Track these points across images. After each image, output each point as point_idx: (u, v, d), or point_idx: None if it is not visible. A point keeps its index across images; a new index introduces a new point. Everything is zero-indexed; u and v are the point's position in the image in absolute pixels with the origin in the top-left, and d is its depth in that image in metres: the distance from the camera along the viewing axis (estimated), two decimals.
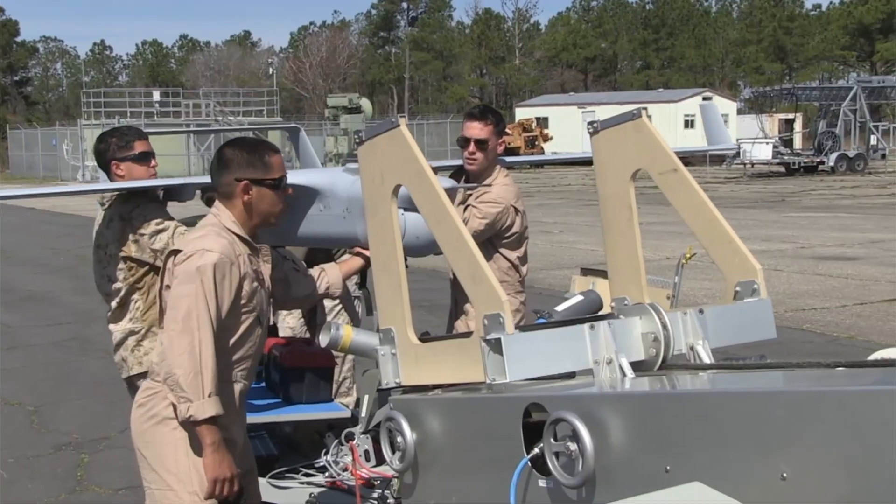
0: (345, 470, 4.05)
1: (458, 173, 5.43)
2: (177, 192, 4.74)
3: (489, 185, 5.17)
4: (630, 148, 3.54)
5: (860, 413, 1.90)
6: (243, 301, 3.64)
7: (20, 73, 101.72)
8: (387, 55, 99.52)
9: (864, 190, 33.66)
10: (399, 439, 3.11)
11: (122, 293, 4.73)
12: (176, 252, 3.58)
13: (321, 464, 4.52)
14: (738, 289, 3.27)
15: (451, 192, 3.84)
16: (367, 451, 3.80)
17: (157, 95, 59.20)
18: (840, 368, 2.45)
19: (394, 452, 3.15)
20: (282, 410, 4.68)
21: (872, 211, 25.57)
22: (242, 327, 3.67)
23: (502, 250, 5.28)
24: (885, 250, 17.19)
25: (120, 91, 69.03)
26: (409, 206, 3.44)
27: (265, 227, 3.77)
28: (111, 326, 4.80)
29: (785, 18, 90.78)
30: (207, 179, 3.95)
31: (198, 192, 4.77)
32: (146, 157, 4.78)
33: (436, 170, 5.33)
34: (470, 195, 5.22)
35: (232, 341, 3.66)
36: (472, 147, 5.20)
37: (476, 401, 2.85)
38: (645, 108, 3.61)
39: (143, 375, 4.49)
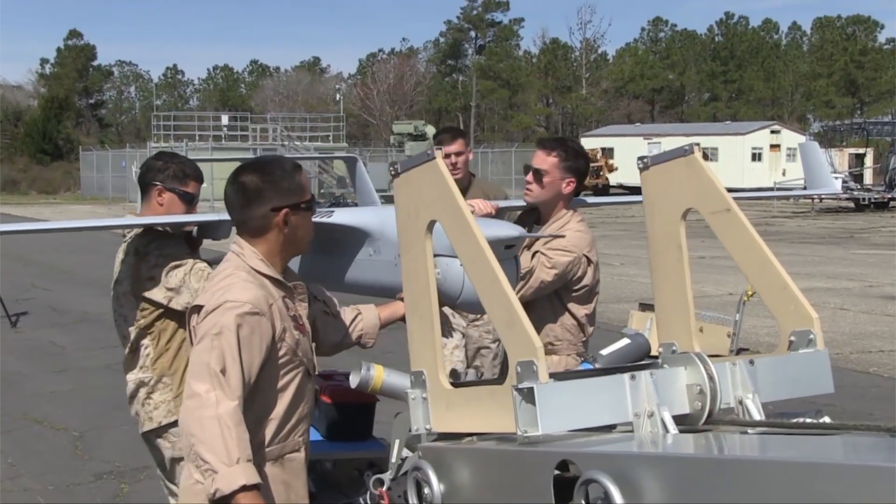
0: None
1: (527, 215, 5.05)
2: (212, 229, 4.31)
3: (561, 235, 4.69)
4: (681, 185, 3.36)
5: None
6: (286, 357, 3.20)
7: (95, 97, 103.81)
8: (454, 83, 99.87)
9: None
10: (426, 490, 2.95)
11: (132, 338, 4.36)
12: (199, 308, 3.13)
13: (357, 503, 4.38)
14: (792, 338, 3.07)
15: (521, 241, 3.58)
16: (405, 493, 3.65)
17: (225, 119, 59.90)
18: None
19: (420, 502, 2.99)
20: (321, 447, 4.54)
21: None
22: (293, 387, 3.25)
23: (570, 305, 4.79)
24: None
25: (189, 114, 70.01)
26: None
27: (295, 256, 3.40)
28: (127, 375, 4.44)
29: (857, 52, 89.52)
30: None
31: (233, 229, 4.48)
32: (191, 200, 4.44)
33: (509, 209, 5.17)
34: (536, 241, 4.76)
35: (285, 406, 3.23)
36: (529, 176, 4.86)
37: (505, 454, 2.68)
38: (698, 144, 3.43)
39: (157, 432, 4.37)
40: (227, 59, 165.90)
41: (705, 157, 3.59)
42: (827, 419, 2.94)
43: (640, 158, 3.61)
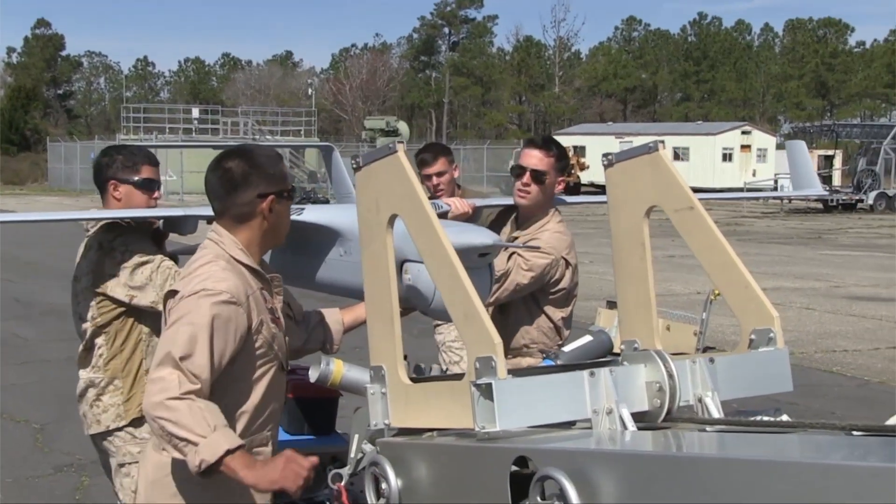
0: None
1: (505, 214, 4.89)
2: (179, 224, 4.18)
3: (535, 247, 4.51)
4: (645, 183, 3.35)
5: (867, 491, 1.70)
6: (262, 350, 3.14)
7: (63, 87, 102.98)
8: (427, 79, 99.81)
9: None
10: (384, 485, 2.92)
11: (87, 335, 4.16)
12: (174, 293, 3.05)
13: (320, 499, 4.36)
14: (752, 337, 3.06)
15: (495, 248, 3.45)
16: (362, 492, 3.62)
17: (196, 112, 59.60)
18: (856, 433, 2.23)
19: (378, 499, 2.96)
20: (283, 441, 4.51)
21: None
22: (266, 380, 3.18)
23: (547, 308, 4.66)
24: None
25: (160, 107, 69.57)
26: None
27: (272, 247, 3.32)
28: (79, 372, 4.27)
29: (828, 55, 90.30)
30: (209, 211, 3.35)
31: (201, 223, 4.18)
32: (150, 186, 4.21)
33: (487, 208, 4.98)
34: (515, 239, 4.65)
35: (257, 399, 3.17)
36: (526, 178, 4.60)
37: (462, 450, 2.66)
38: (662, 142, 3.42)
39: (103, 435, 4.21)
40: (198, 52, 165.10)
41: (676, 156, 3.59)
42: (785, 417, 2.94)
43: (605, 155, 3.60)
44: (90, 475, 6.72)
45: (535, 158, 4.64)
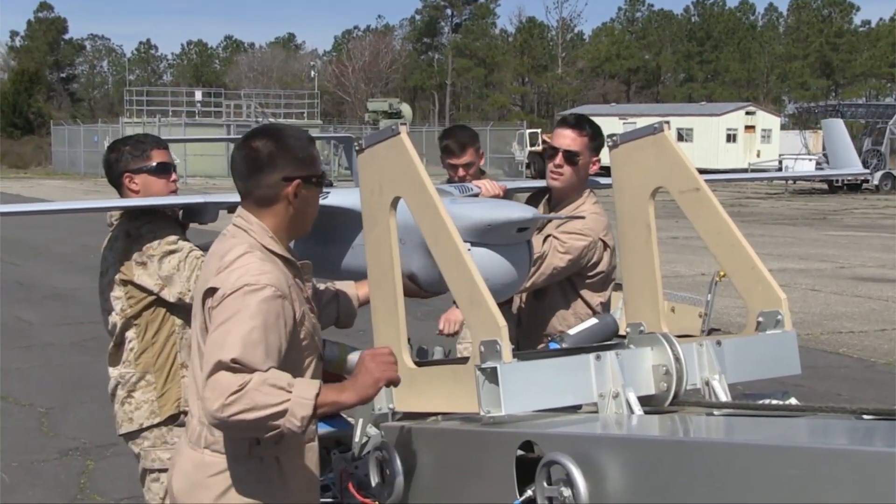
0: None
1: (536, 196, 4.61)
2: (199, 212, 3.93)
3: (580, 216, 4.26)
4: (650, 164, 3.33)
5: (877, 476, 1.67)
6: (306, 342, 2.95)
7: (66, 71, 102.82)
8: (429, 61, 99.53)
9: None
10: (388, 469, 2.91)
11: (117, 328, 3.94)
12: (213, 291, 2.78)
13: (325, 483, 4.34)
14: (760, 319, 3.04)
15: (534, 223, 3.22)
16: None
17: (199, 95, 59.43)
18: (866, 417, 2.21)
19: (383, 482, 2.95)
20: None
21: None
22: (310, 371, 2.97)
23: (584, 293, 4.41)
24: None
25: (163, 90, 69.42)
26: (478, 239, 2.99)
27: (298, 236, 3.07)
28: (109, 370, 4.03)
29: (832, 34, 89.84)
30: (235, 197, 3.14)
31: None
32: (165, 170, 4.02)
33: (518, 191, 4.73)
34: (548, 223, 4.37)
35: None
36: (559, 159, 4.34)
37: (467, 434, 2.64)
38: (667, 122, 3.39)
39: (134, 435, 3.97)
40: (201, 35, 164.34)
41: (680, 137, 3.55)
42: (793, 400, 2.92)
43: (610, 136, 3.57)
44: (95, 459, 6.71)
45: (567, 139, 4.39)
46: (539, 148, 52.24)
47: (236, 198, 3.14)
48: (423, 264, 3.14)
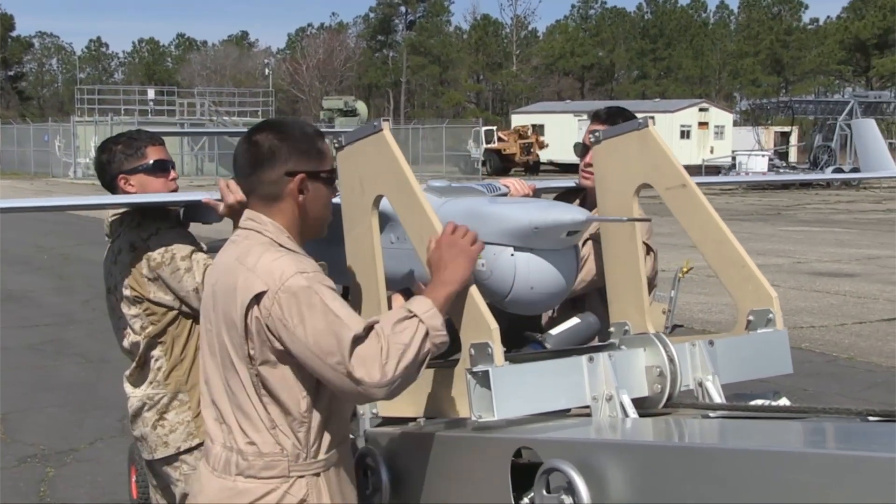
0: None
1: (566, 196, 4.15)
2: (201, 212, 3.62)
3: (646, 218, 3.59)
4: (634, 161, 3.26)
5: (880, 482, 1.62)
6: None
7: (14, 69, 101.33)
8: (384, 59, 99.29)
9: (860, 205, 33.43)
10: (374, 477, 2.82)
11: (140, 349, 3.66)
12: (260, 295, 2.53)
13: None
14: (750, 318, 2.98)
15: (586, 226, 2.89)
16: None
17: (151, 94, 58.88)
18: (872, 419, 2.15)
19: (370, 490, 2.86)
20: None
21: (868, 226, 25.32)
22: None
23: None
24: (883, 267, 16.93)
25: (114, 88, 68.63)
26: (522, 243, 2.75)
27: (312, 237, 2.81)
28: (126, 389, 3.77)
29: (782, 32, 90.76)
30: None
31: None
32: (163, 167, 3.72)
33: (547, 190, 4.27)
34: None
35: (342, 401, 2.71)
36: (590, 156, 3.75)
37: (459, 440, 2.56)
38: (652, 118, 3.33)
39: (172, 459, 3.68)
40: (152, 33, 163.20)
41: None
42: (785, 400, 2.87)
43: (592, 132, 3.50)
44: (55, 466, 6.54)
45: None
46: (495, 145, 52.37)
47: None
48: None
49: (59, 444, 6.86)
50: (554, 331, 3.46)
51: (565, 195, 4.21)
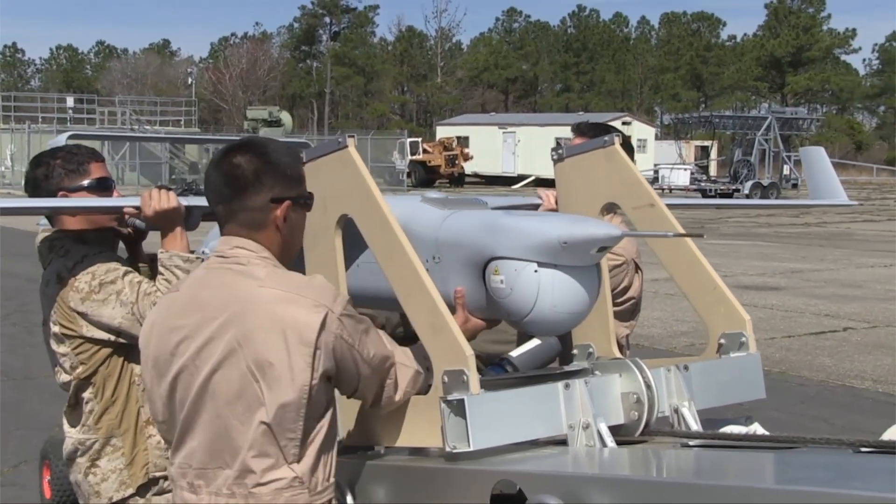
0: None
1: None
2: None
3: (699, 234, 3.43)
4: (600, 179, 3.19)
5: None
6: None
7: None
8: (308, 69, 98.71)
9: (779, 219, 34.04)
10: None
11: (71, 389, 3.38)
12: (325, 320, 2.41)
13: None
14: (722, 341, 2.93)
15: (618, 242, 2.67)
16: None
17: (70, 101, 57.71)
18: (865, 450, 2.09)
19: None
20: None
21: (789, 240, 25.81)
22: None
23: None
24: (806, 280, 17.21)
25: (32, 95, 67.19)
26: (548, 259, 2.57)
27: (286, 265, 2.61)
28: (64, 427, 3.48)
29: (702, 48, 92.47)
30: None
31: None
32: (106, 185, 3.46)
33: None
34: None
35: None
36: None
37: (434, 472, 2.45)
38: (618, 134, 3.27)
39: None
40: (70, 39, 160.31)
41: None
42: (757, 425, 2.82)
43: (555, 149, 3.42)
44: None
45: None
46: (420, 157, 52.34)
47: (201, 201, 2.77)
48: (467, 287, 2.72)
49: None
50: (514, 353, 3.36)
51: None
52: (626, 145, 3.88)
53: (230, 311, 2.42)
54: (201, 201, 3.04)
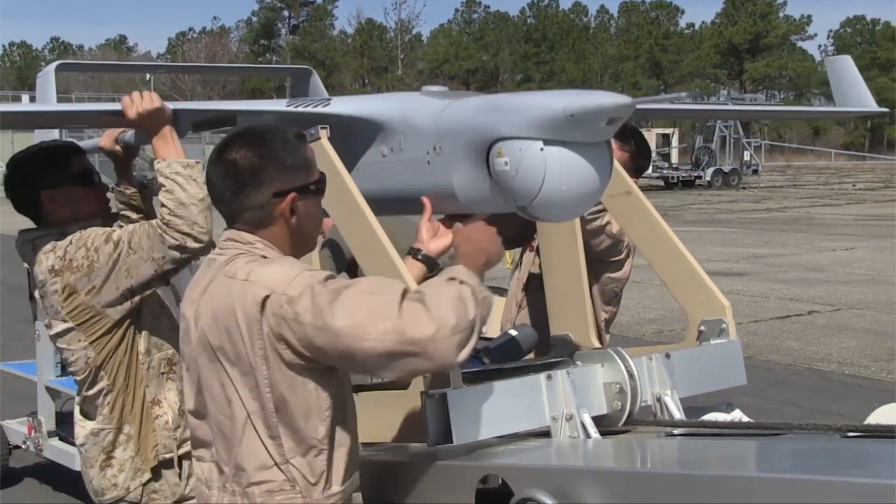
0: None
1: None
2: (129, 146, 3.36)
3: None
4: None
5: None
6: None
7: None
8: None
9: (741, 205, 34.30)
10: None
11: (86, 382, 3.29)
12: (266, 298, 2.29)
13: None
14: (702, 328, 2.91)
15: (629, 111, 2.52)
16: None
17: (26, 99, 56.81)
18: (851, 434, 2.07)
19: None
20: None
21: (751, 226, 26.00)
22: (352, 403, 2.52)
23: (595, 305, 3.84)
24: (770, 266, 17.34)
25: None
26: (554, 135, 2.40)
27: (304, 253, 2.55)
28: (76, 416, 3.41)
29: (661, 36, 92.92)
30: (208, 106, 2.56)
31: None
32: (90, 178, 3.38)
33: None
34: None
35: (353, 427, 2.43)
36: None
37: (416, 467, 2.41)
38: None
39: (116, 501, 3.30)
40: (24, 36, 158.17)
41: None
42: (738, 412, 2.80)
43: None
44: None
45: None
46: None
47: (209, 105, 2.68)
48: (466, 178, 2.55)
49: None
50: (491, 345, 3.33)
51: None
52: (640, 142, 3.96)
53: (211, 306, 2.38)
54: (187, 105, 3.01)
